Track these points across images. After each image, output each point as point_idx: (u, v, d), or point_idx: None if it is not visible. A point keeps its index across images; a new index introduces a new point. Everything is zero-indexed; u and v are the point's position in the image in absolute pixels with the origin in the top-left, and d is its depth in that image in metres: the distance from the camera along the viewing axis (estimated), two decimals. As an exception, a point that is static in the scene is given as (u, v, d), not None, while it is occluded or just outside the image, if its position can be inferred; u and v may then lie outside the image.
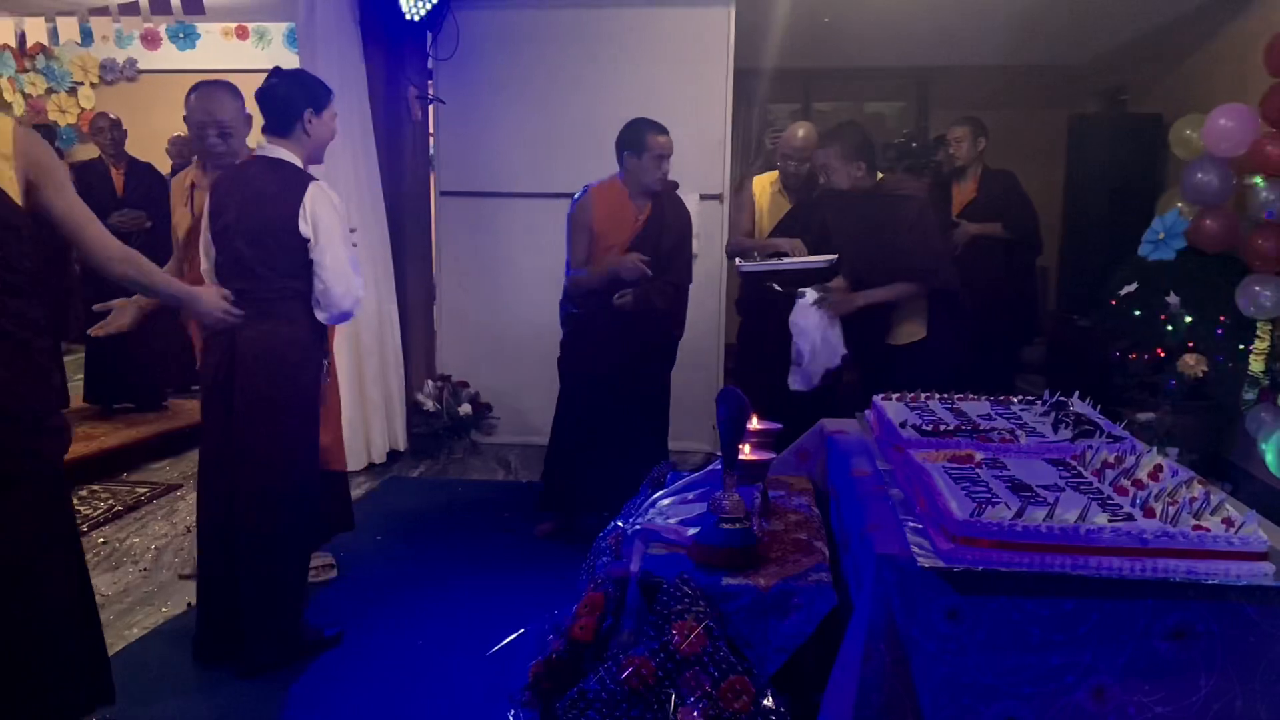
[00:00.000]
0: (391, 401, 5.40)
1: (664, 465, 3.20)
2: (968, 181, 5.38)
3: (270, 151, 3.11)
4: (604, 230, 4.13)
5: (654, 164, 4.04)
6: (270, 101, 3.13)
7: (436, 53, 5.65)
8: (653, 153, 4.02)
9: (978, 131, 5.30)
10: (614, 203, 4.15)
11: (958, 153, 5.34)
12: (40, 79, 9.37)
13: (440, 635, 3.41)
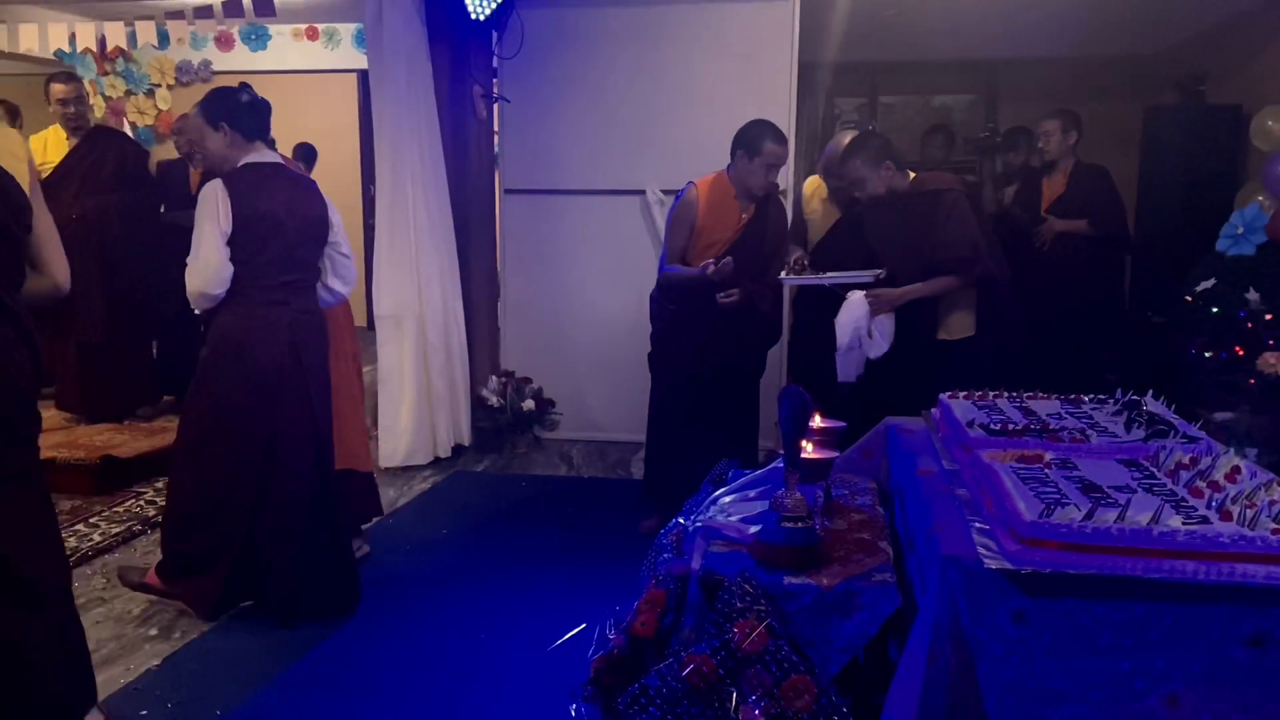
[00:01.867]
0: (457, 397, 5.46)
1: (725, 463, 3.19)
2: (1057, 176, 5.26)
3: (272, 158, 3.41)
4: (706, 226, 4.10)
5: (764, 170, 3.99)
6: (264, 113, 3.44)
7: (501, 51, 5.69)
8: (766, 160, 3.98)
9: (1069, 125, 5.17)
10: (719, 199, 4.10)
11: (1046, 147, 5.22)
12: (120, 81, 9.63)
13: (503, 628, 3.45)
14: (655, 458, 4.41)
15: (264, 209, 3.27)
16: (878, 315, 3.87)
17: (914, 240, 3.86)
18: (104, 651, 3.25)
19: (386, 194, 5.18)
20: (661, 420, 4.37)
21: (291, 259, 3.35)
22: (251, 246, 3.27)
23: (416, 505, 4.77)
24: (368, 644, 3.34)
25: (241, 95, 3.39)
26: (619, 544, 4.17)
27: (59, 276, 2.59)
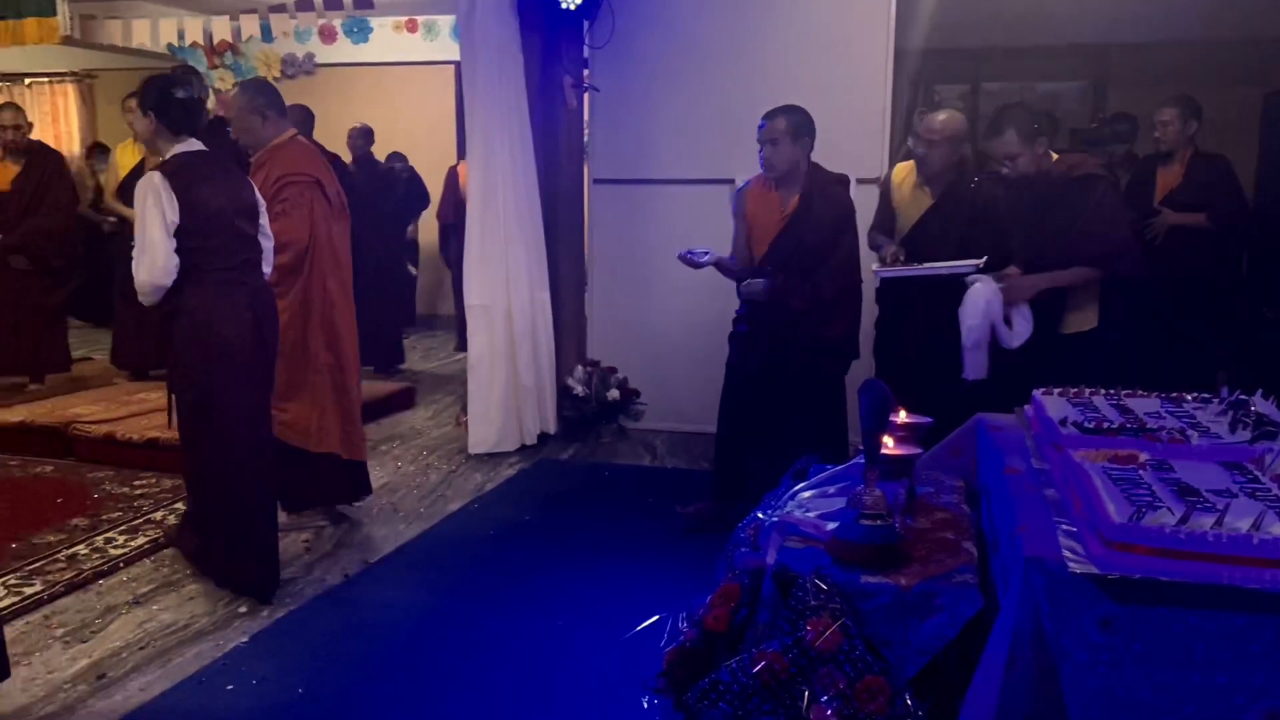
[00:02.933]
0: (543, 386, 5.49)
1: (806, 458, 3.13)
2: (1174, 166, 5.01)
3: (196, 146, 3.47)
4: (754, 219, 4.14)
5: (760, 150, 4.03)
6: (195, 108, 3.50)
7: (592, 40, 5.69)
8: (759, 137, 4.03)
9: (1188, 112, 4.91)
10: (762, 192, 4.13)
11: (1164, 135, 4.98)
12: (229, 74, 9.93)
13: (580, 615, 3.45)
14: (722, 452, 4.36)
15: (205, 194, 3.37)
16: (1016, 303, 3.70)
17: (1058, 227, 3.68)
18: (196, 626, 3.35)
19: (477, 185, 5.23)
20: (722, 417, 4.33)
21: (239, 239, 3.47)
22: (201, 232, 3.35)
23: (502, 491, 4.81)
24: (449, 627, 3.38)
25: (174, 88, 3.44)
26: (698, 535, 4.14)
27: None
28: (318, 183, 4.00)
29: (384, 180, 7.72)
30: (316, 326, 3.99)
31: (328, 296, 4.03)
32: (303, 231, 3.92)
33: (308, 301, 3.97)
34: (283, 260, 3.87)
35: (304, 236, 3.92)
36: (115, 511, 4.41)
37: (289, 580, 3.72)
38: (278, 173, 3.92)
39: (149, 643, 3.23)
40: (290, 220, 3.91)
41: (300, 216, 3.92)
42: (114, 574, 3.76)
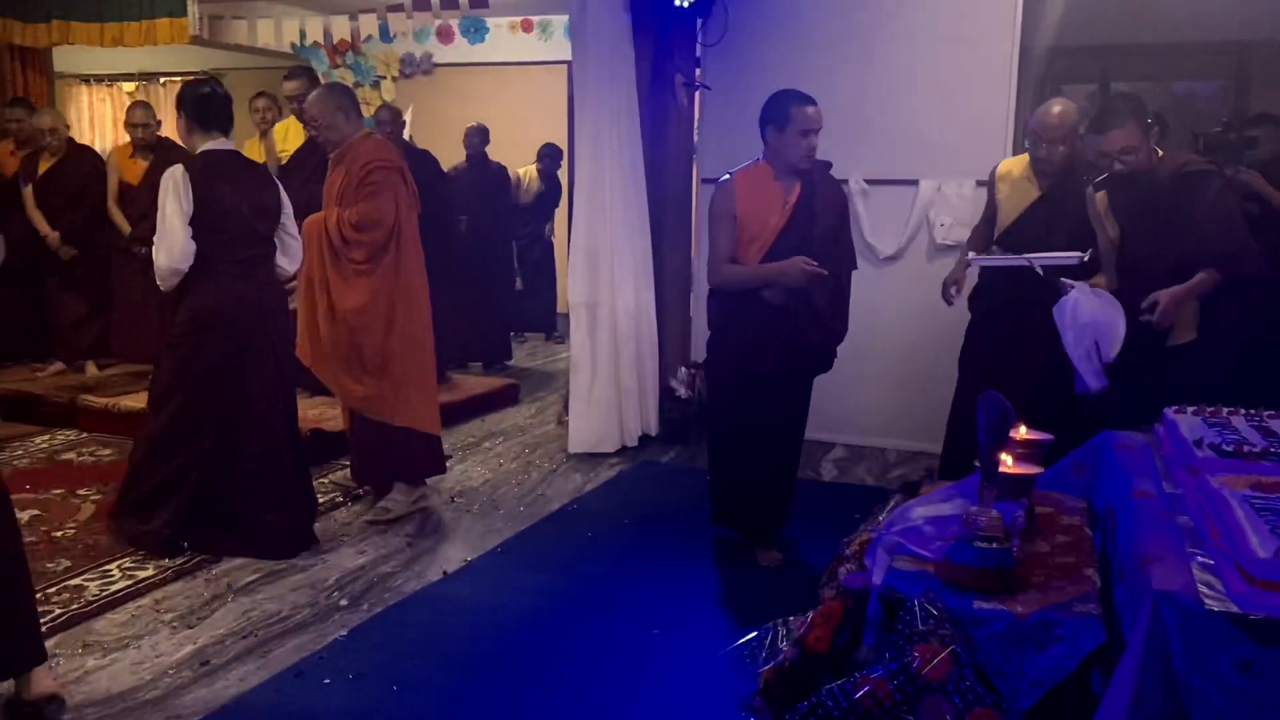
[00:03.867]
0: (645, 387, 5.44)
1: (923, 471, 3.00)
2: None
3: (227, 145, 3.75)
4: (747, 216, 3.72)
5: (798, 138, 3.65)
6: (219, 105, 3.75)
7: (705, 38, 5.61)
8: (797, 126, 3.64)
9: None
10: (757, 185, 3.74)
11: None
12: (349, 74, 10.18)
13: (675, 625, 3.38)
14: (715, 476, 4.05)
15: (221, 191, 3.61)
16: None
17: (1172, 227, 3.44)
18: (297, 617, 3.39)
19: (584, 183, 5.21)
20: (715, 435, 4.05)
21: (252, 235, 3.73)
22: (214, 224, 3.61)
23: (601, 492, 4.77)
24: (544, 630, 3.35)
25: (202, 88, 3.76)
26: (799, 547, 4.03)
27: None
28: (400, 170, 4.21)
29: (496, 179, 7.78)
30: (401, 301, 4.17)
31: (408, 272, 4.21)
32: (389, 211, 4.09)
33: (394, 277, 4.14)
34: (375, 237, 4.08)
35: (391, 216, 4.10)
36: (227, 499, 4.52)
37: (389, 574, 3.75)
38: (364, 159, 4.11)
39: (251, 632, 3.28)
40: (379, 200, 4.08)
41: (388, 197, 4.09)
42: (222, 561, 3.84)
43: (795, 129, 3.63)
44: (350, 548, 4.02)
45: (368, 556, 3.93)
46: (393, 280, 4.14)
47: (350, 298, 4.09)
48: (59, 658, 3.08)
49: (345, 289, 4.10)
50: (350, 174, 4.12)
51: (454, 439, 5.60)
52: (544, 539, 4.17)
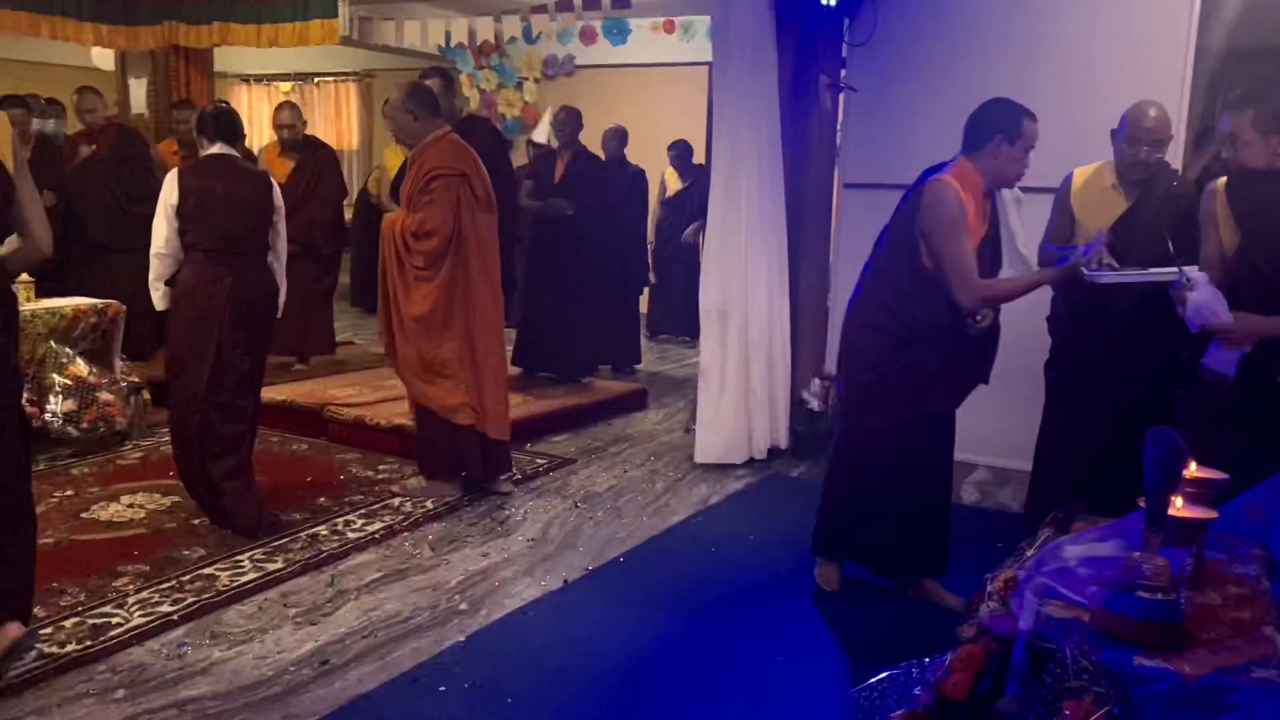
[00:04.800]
0: (776, 397, 5.27)
1: (1071, 504, 2.77)
2: None
3: (226, 151, 4.09)
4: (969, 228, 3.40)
5: (1022, 156, 3.37)
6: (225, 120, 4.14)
7: (852, 38, 5.41)
8: (1026, 142, 3.35)
9: None
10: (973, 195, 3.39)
11: None
12: (493, 75, 10.33)
13: (801, 654, 3.23)
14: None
15: (208, 188, 3.98)
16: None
17: None
18: (417, 620, 3.38)
19: (720, 186, 5.09)
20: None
21: (231, 226, 4.00)
22: (198, 216, 3.97)
23: (726, 505, 4.64)
24: (662, 648, 3.25)
25: (214, 110, 4.24)
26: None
27: (41, 241, 3.03)
28: (464, 175, 4.31)
29: (634, 182, 7.73)
30: (459, 307, 4.34)
31: (469, 279, 4.36)
32: (446, 221, 4.25)
33: (452, 284, 4.32)
34: (431, 246, 4.25)
35: (448, 225, 4.25)
36: (357, 495, 4.58)
37: (510, 580, 3.71)
38: (428, 167, 4.29)
39: (371, 632, 3.28)
40: (435, 210, 4.25)
41: (445, 207, 4.25)
42: (348, 558, 3.87)
43: (1024, 145, 3.36)
44: (473, 549, 4.00)
45: (490, 560, 3.90)
46: (452, 287, 4.31)
47: (412, 305, 4.31)
48: (187, 646, 3.14)
49: (408, 295, 4.32)
50: (415, 179, 4.30)
51: (580, 443, 5.57)
52: (666, 551, 4.07)
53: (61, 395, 4.94)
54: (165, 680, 2.94)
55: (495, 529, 4.22)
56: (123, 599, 3.43)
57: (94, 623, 3.26)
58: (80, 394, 4.99)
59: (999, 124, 3.38)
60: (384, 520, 4.26)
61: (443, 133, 4.39)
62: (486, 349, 4.44)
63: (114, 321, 5.39)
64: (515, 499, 4.59)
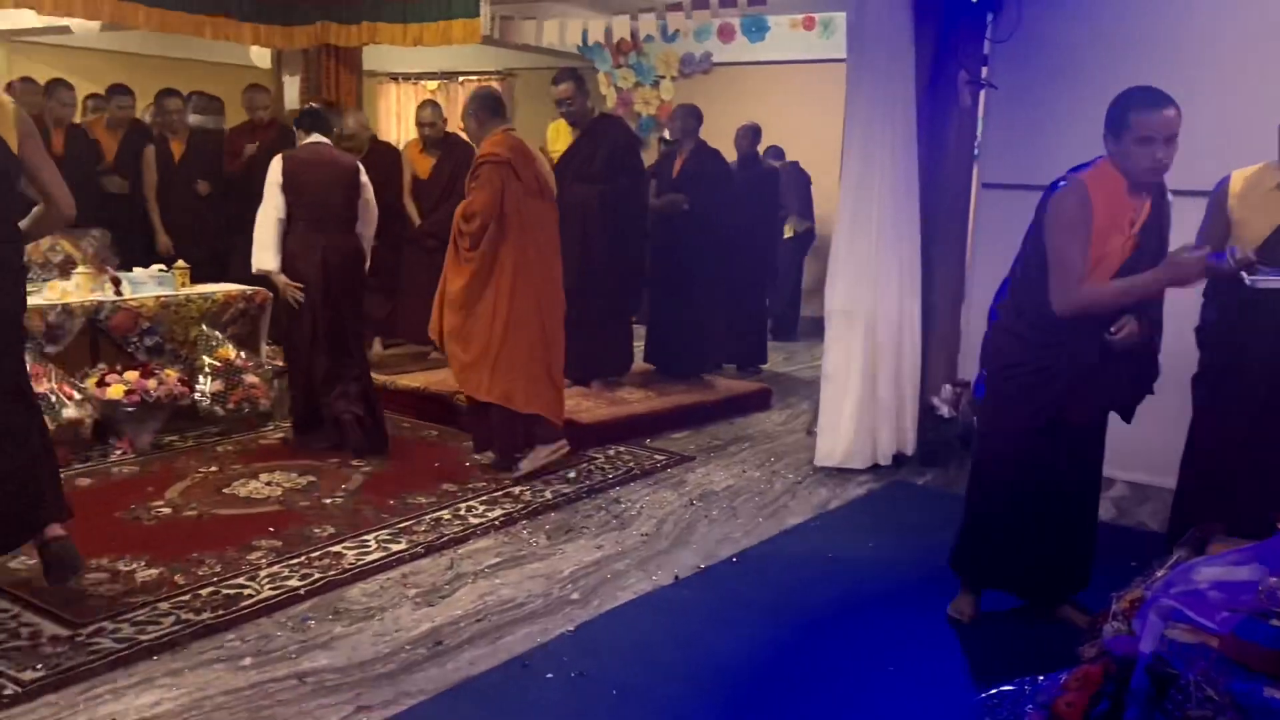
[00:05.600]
0: (904, 402, 5.14)
1: (1209, 524, 2.62)
2: None
3: (317, 139, 5.00)
4: (1100, 231, 3.12)
5: (1134, 148, 3.07)
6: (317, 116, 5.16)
7: (994, 34, 5.23)
8: (1135, 133, 3.06)
9: None
10: (1111, 195, 3.16)
11: None
12: (630, 73, 10.41)
13: (913, 665, 3.14)
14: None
15: (303, 170, 4.86)
16: None
17: None
18: (530, 607, 3.44)
19: (851, 184, 5.00)
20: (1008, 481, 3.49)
21: (326, 205, 4.91)
22: (297, 193, 4.84)
23: (846, 511, 4.56)
24: (771, 651, 3.21)
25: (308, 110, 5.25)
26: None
27: (63, 204, 3.28)
28: (509, 163, 4.58)
29: (766, 180, 7.66)
30: (506, 287, 4.60)
31: (526, 260, 4.63)
32: (488, 204, 4.54)
33: (495, 264, 4.60)
34: (473, 228, 4.59)
35: (489, 208, 4.54)
36: (480, 482, 4.68)
37: (622, 572, 3.74)
38: (479, 155, 4.68)
39: (485, 616, 3.35)
40: (479, 194, 4.58)
41: (490, 192, 4.55)
42: (468, 542, 3.97)
43: (1133, 137, 3.08)
44: (588, 541, 4.04)
45: (604, 552, 3.94)
46: (491, 268, 4.60)
47: (454, 281, 4.66)
48: (311, 620, 3.27)
49: (454, 273, 4.68)
50: (470, 169, 4.74)
51: (700, 440, 5.56)
52: (780, 554, 4.02)
53: (210, 376, 5.21)
54: (289, 651, 3.07)
55: (610, 522, 4.26)
56: (255, 572, 3.60)
57: (227, 593, 3.43)
58: (227, 375, 5.25)
59: (1107, 119, 3.20)
60: (504, 508, 4.34)
61: (500, 131, 4.70)
62: (526, 330, 4.65)
63: (261, 308, 5.66)
64: (632, 493, 4.61)
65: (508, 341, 4.59)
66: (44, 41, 9.78)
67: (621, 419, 5.51)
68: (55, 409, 4.54)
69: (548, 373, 4.72)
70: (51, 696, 2.77)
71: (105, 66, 9.72)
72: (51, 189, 3.27)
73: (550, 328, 4.73)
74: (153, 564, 3.62)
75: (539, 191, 4.71)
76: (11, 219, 3.20)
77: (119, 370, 4.93)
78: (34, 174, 3.23)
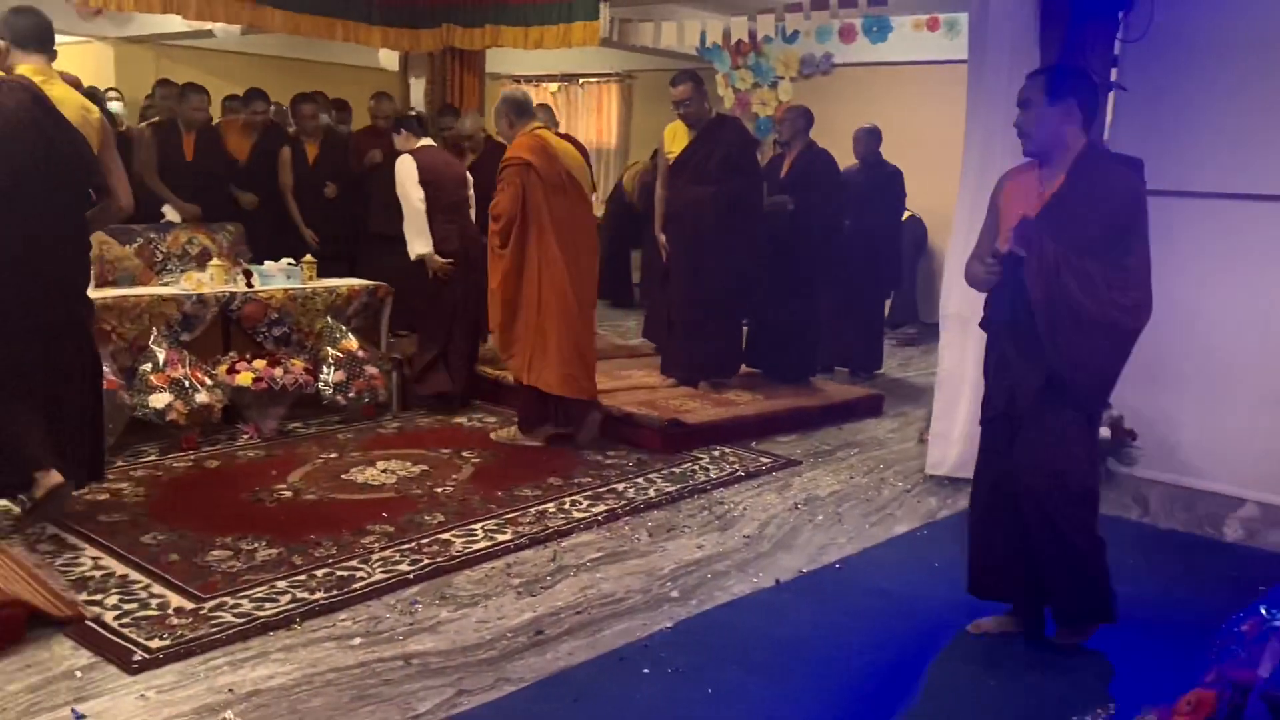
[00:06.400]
0: (1020, 412, 5.00)
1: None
2: None
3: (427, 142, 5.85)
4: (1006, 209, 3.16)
5: None
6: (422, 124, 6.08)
7: (1126, 33, 5.04)
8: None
9: None
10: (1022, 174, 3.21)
11: None
12: (749, 75, 10.37)
13: (1014, 675, 3.05)
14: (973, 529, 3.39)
15: (434, 168, 5.63)
16: None
17: None
18: (630, 602, 3.47)
19: (970, 188, 4.89)
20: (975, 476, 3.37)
21: (454, 200, 5.71)
22: (436, 188, 5.58)
23: (956, 521, 4.44)
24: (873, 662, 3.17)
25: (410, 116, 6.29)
26: (1180, 616, 3.49)
27: (123, 201, 3.98)
28: (530, 165, 4.94)
29: (889, 182, 7.53)
30: (534, 279, 4.99)
31: (551, 253, 4.97)
32: (510, 204, 4.97)
33: (524, 259, 5.00)
34: (497, 226, 5.04)
35: (512, 208, 4.97)
36: (585, 477, 4.75)
37: (722, 573, 3.74)
38: (504, 159, 5.08)
39: (585, 609, 3.40)
40: (503, 195, 5.02)
41: (511, 193, 4.97)
42: (571, 535, 4.03)
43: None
44: (689, 540, 4.06)
45: (705, 551, 3.95)
46: (521, 262, 5.00)
47: (494, 277, 5.09)
48: (419, 604, 3.37)
49: (492, 269, 5.11)
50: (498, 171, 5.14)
51: (807, 445, 5.51)
52: (884, 562, 3.96)
53: (333, 366, 5.41)
54: (396, 634, 3.17)
55: (713, 522, 4.26)
56: (367, 555, 3.73)
57: (341, 574, 3.56)
58: (349, 366, 5.44)
59: None
60: (607, 504, 4.39)
61: (528, 131, 5.07)
62: (570, 316, 5.00)
63: (383, 302, 5.86)
64: (736, 495, 4.61)
65: (540, 329, 4.99)
66: (188, 45, 10.32)
67: (728, 420, 5.50)
68: (188, 393, 4.78)
69: (580, 356, 5.07)
70: (175, 665, 2.92)
71: (243, 68, 10.19)
72: (116, 188, 3.94)
73: (580, 314, 5.10)
74: (273, 544, 3.78)
75: (563, 187, 5.01)
76: (82, 206, 3.90)
77: (248, 358, 5.17)
78: (105, 174, 3.90)
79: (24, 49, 3.78)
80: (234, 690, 2.81)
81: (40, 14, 3.85)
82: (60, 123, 3.71)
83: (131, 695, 2.76)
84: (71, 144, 3.74)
